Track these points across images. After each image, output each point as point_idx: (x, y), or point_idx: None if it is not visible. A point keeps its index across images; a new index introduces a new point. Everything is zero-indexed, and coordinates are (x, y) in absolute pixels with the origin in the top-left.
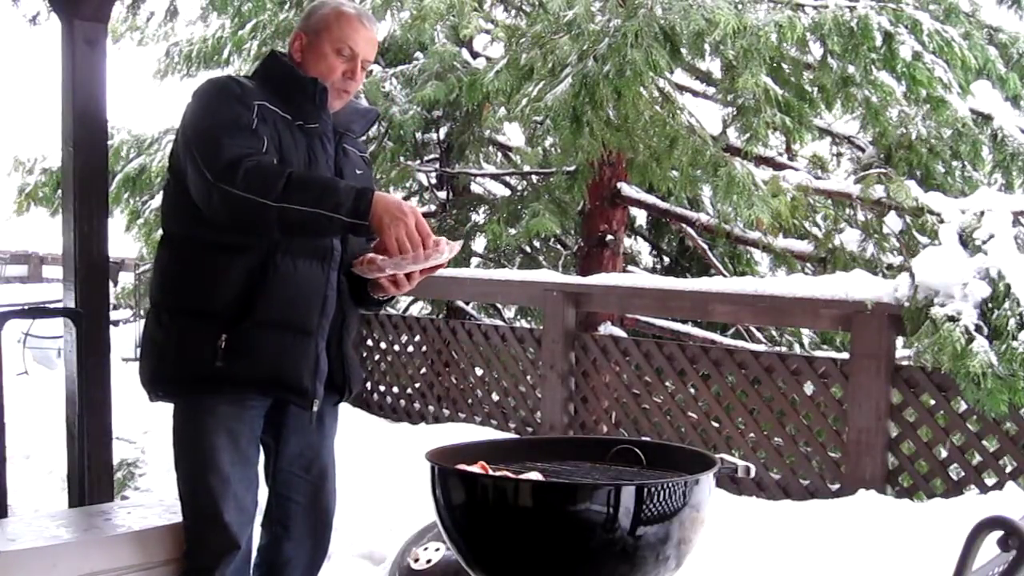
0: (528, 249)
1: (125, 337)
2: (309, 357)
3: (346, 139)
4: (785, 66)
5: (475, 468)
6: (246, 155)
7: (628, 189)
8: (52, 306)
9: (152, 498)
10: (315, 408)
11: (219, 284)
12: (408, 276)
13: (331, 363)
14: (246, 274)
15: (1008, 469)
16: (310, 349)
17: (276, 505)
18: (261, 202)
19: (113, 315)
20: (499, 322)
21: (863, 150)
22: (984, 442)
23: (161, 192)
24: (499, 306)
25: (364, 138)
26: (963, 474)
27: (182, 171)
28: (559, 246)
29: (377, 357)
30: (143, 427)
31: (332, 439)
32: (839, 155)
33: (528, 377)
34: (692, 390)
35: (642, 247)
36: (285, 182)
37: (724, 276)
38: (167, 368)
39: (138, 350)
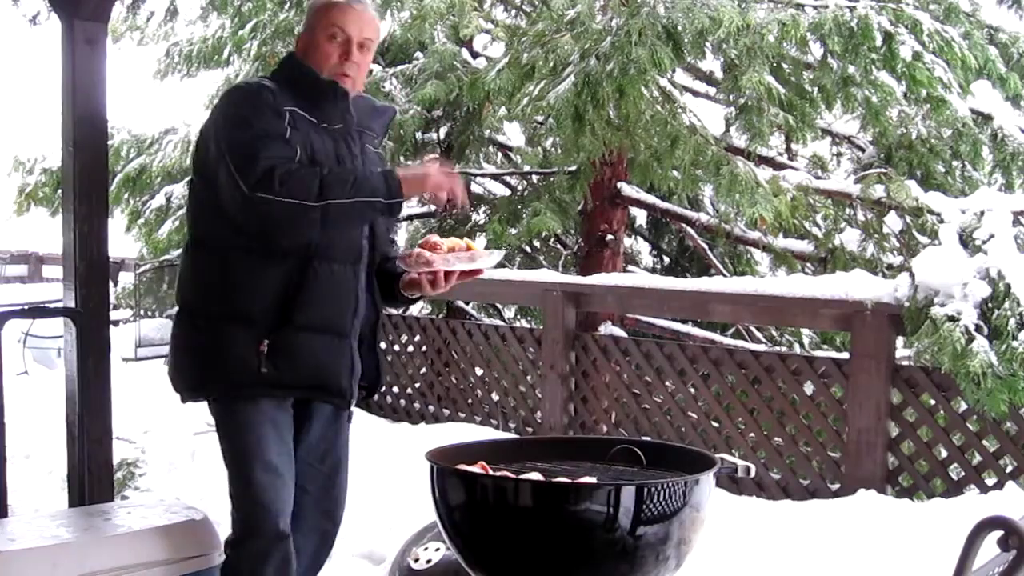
0: (528, 249)
1: (125, 337)
2: (346, 358)
3: (366, 138)
4: (786, 66)
5: (475, 468)
6: (279, 164)
7: (628, 189)
8: (52, 306)
9: (152, 498)
10: (352, 408)
11: (259, 290)
12: (447, 276)
13: (364, 362)
14: (284, 280)
15: (1008, 469)
16: (346, 351)
17: None
18: (303, 204)
19: (113, 315)
20: (499, 322)
21: (863, 150)
22: (984, 442)
23: (187, 195)
24: (499, 306)
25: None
26: (963, 474)
27: (213, 177)
28: (559, 246)
29: None
30: (143, 427)
31: (346, 433)
32: (839, 155)
33: (528, 377)
34: (692, 390)
35: (642, 247)
36: (320, 181)
37: (724, 276)
38: (212, 373)
39: (140, 350)
